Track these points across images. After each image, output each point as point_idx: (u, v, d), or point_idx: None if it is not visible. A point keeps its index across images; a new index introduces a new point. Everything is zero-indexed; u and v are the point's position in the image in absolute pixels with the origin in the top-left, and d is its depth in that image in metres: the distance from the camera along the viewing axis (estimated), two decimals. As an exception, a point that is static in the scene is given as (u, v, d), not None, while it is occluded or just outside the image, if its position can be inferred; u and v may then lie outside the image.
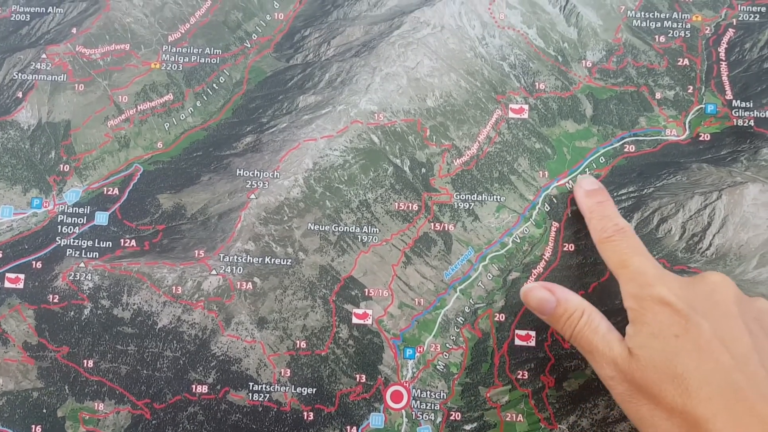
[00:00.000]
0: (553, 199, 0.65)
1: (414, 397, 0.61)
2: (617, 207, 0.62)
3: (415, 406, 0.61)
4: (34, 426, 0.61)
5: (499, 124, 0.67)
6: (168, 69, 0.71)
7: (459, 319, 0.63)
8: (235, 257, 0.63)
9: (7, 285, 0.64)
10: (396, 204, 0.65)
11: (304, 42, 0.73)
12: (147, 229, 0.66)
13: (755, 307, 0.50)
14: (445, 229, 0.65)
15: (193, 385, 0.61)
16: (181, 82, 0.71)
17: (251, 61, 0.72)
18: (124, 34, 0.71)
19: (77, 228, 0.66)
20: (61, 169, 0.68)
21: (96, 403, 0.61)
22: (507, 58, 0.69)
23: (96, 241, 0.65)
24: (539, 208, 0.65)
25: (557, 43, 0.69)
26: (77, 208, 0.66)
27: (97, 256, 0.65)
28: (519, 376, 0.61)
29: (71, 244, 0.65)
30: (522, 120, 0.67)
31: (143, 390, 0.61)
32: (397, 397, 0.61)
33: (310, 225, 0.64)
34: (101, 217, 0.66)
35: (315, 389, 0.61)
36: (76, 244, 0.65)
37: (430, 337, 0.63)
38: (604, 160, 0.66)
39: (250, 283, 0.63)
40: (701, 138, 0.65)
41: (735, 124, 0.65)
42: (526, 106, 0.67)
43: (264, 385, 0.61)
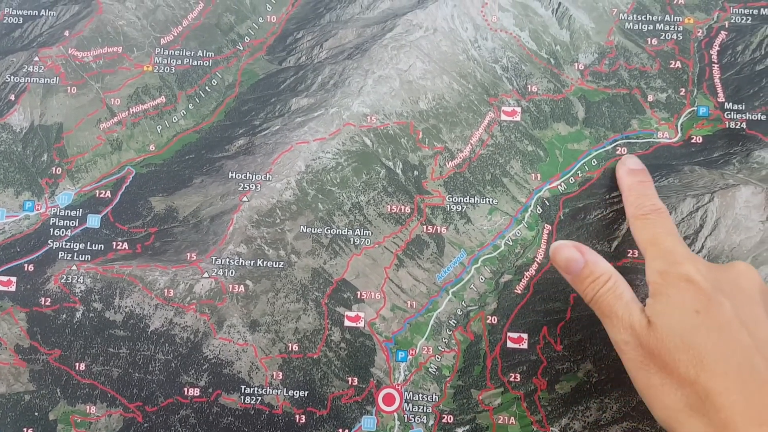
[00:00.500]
0: (546, 201, 0.65)
1: (406, 400, 0.61)
2: (609, 210, 0.62)
3: (408, 409, 0.61)
4: (26, 429, 0.61)
5: (492, 126, 0.67)
6: (160, 72, 0.71)
7: (451, 322, 0.63)
8: (227, 260, 0.63)
9: (-2, 288, 0.64)
10: (388, 206, 0.65)
11: (297, 45, 0.73)
12: (139, 232, 0.66)
13: None
14: (438, 231, 0.65)
15: (185, 388, 0.61)
16: (173, 84, 0.71)
17: (244, 64, 0.72)
18: (116, 36, 0.71)
19: (69, 231, 0.66)
20: (54, 172, 0.68)
21: (88, 406, 0.61)
22: (499, 60, 0.69)
23: (88, 243, 0.65)
24: (531, 211, 0.65)
25: (549, 45, 0.69)
26: (69, 211, 0.66)
27: (89, 259, 0.65)
28: (511, 379, 0.61)
29: (63, 246, 0.65)
30: (514, 122, 0.67)
31: (135, 393, 0.61)
32: (389, 400, 0.61)
33: (302, 228, 0.64)
34: (93, 220, 0.66)
35: (307, 392, 0.61)
36: (68, 246, 0.65)
37: (422, 339, 0.62)
38: (596, 162, 0.66)
39: (242, 285, 0.62)
40: (693, 140, 0.65)
41: (727, 127, 0.65)
42: (519, 109, 0.67)
43: (256, 388, 0.61)
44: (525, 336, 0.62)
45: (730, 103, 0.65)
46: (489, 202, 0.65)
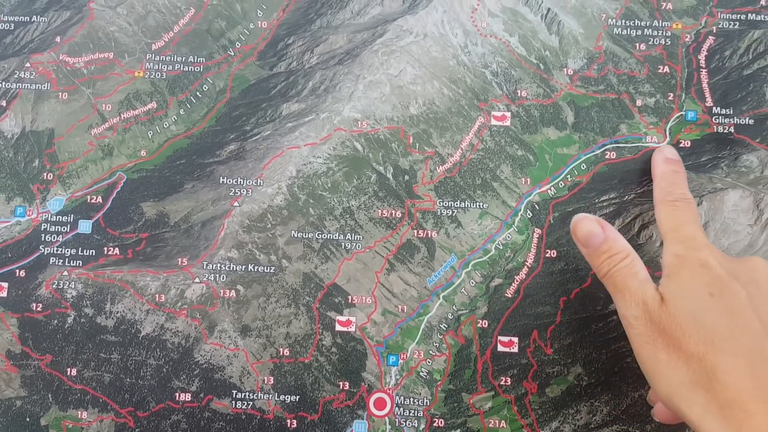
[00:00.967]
0: (536, 205, 0.65)
1: (397, 404, 0.61)
2: (598, 214, 0.63)
3: (399, 413, 0.61)
4: (16, 435, 0.61)
5: (482, 131, 0.67)
6: (151, 77, 0.71)
7: (442, 326, 0.63)
8: (219, 265, 0.63)
9: (-10, 294, 0.64)
10: (379, 211, 0.65)
11: (288, 50, 0.74)
12: (130, 237, 0.66)
13: None
14: (428, 235, 0.65)
15: (177, 393, 0.61)
16: (164, 90, 0.71)
17: (235, 69, 0.73)
18: (107, 42, 0.71)
19: (61, 236, 0.66)
20: (45, 178, 0.68)
21: (79, 412, 0.61)
22: (489, 65, 0.69)
23: (79, 249, 0.65)
24: (521, 215, 0.65)
25: (539, 51, 0.70)
26: (61, 217, 0.66)
27: (81, 265, 0.65)
28: (502, 383, 0.61)
29: (55, 252, 0.65)
30: (504, 127, 0.67)
31: (127, 398, 0.61)
32: (380, 404, 0.61)
33: (293, 232, 0.64)
34: (84, 226, 0.66)
35: (298, 397, 0.61)
36: (59, 252, 0.65)
37: (413, 343, 0.63)
38: (585, 166, 0.66)
39: (233, 290, 0.63)
40: (682, 145, 0.65)
41: (715, 131, 0.65)
42: (509, 114, 0.68)
43: (247, 393, 0.61)
44: (515, 340, 0.62)
45: (718, 108, 0.66)
46: (479, 206, 0.65)
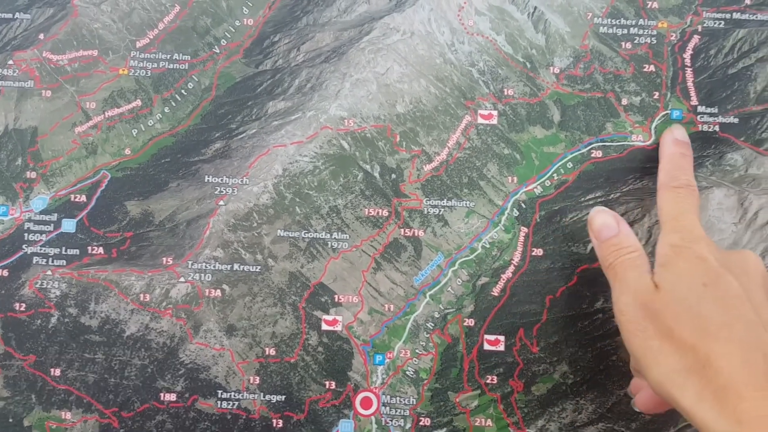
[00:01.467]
0: (522, 204, 0.65)
1: (384, 403, 0.61)
2: (585, 213, 0.63)
3: (385, 412, 0.61)
4: (-1, 436, 0.61)
5: (469, 129, 0.67)
6: (136, 75, 0.70)
7: (429, 325, 0.63)
8: (204, 264, 0.63)
9: (-28, 293, 0.64)
10: (366, 210, 0.65)
11: (274, 48, 0.73)
12: (115, 237, 0.65)
13: None
14: (415, 234, 0.65)
15: (162, 394, 0.61)
16: (149, 88, 0.70)
17: (220, 67, 0.72)
18: (91, 40, 0.70)
19: (44, 235, 0.65)
20: (28, 176, 0.67)
21: (63, 412, 0.61)
22: (476, 64, 0.69)
23: (63, 248, 0.65)
24: (508, 214, 0.65)
25: (525, 49, 0.70)
26: (44, 216, 0.66)
27: (65, 264, 0.64)
28: (488, 381, 0.61)
29: (38, 251, 0.65)
30: (491, 126, 0.67)
31: (111, 398, 0.61)
32: (366, 403, 0.61)
33: (279, 231, 0.64)
34: (68, 225, 0.65)
35: (284, 396, 0.61)
36: (43, 251, 0.65)
37: (399, 342, 0.63)
38: (571, 165, 0.66)
39: (218, 290, 0.62)
40: (667, 143, 0.66)
41: (700, 130, 0.65)
42: (495, 112, 0.68)
43: (233, 393, 0.61)
44: (502, 338, 0.62)
45: (703, 107, 0.66)
46: (466, 205, 0.65)
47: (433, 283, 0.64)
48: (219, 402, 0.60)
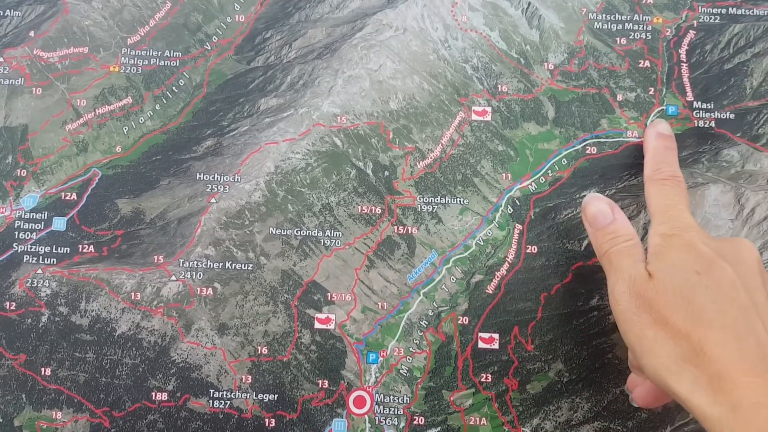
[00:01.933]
0: (516, 201, 0.65)
1: (377, 402, 0.61)
2: (578, 211, 0.62)
3: (379, 411, 0.61)
4: (-11, 436, 0.60)
5: (462, 126, 0.67)
6: (127, 72, 0.70)
7: (422, 323, 0.63)
8: (195, 262, 0.62)
9: (-39, 292, 0.63)
10: (359, 207, 0.64)
11: (266, 44, 0.73)
12: (105, 235, 0.65)
13: None
14: (409, 232, 0.64)
15: (153, 393, 0.60)
16: (140, 85, 0.70)
17: (211, 64, 0.72)
18: (82, 37, 0.70)
19: (35, 234, 0.65)
20: (19, 174, 0.67)
21: (54, 412, 0.60)
22: (470, 60, 0.69)
23: (54, 247, 0.64)
24: (502, 211, 0.65)
25: (519, 45, 0.69)
26: (35, 214, 0.65)
27: (55, 262, 0.64)
28: (482, 380, 0.61)
29: (28, 250, 0.64)
30: (485, 122, 0.67)
31: (102, 398, 0.60)
32: (360, 402, 0.61)
33: (271, 229, 0.63)
34: (59, 223, 0.65)
35: (277, 395, 0.60)
36: (33, 250, 0.64)
37: (393, 341, 0.62)
38: (566, 161, 0.66)
39: (210, 288, 0.62)
40: (662, 139, 0.65)
41: (696, 126, 0.65)
42: (489, 109, 0.67)
43: (225, 392, 0.60)
44: (496, 336, 0.61)
45: (699, 102, 0.66)
46: (460, 202, 0.65)
47: (427, 280, 0.64)
48: (211, 401, 0.60)
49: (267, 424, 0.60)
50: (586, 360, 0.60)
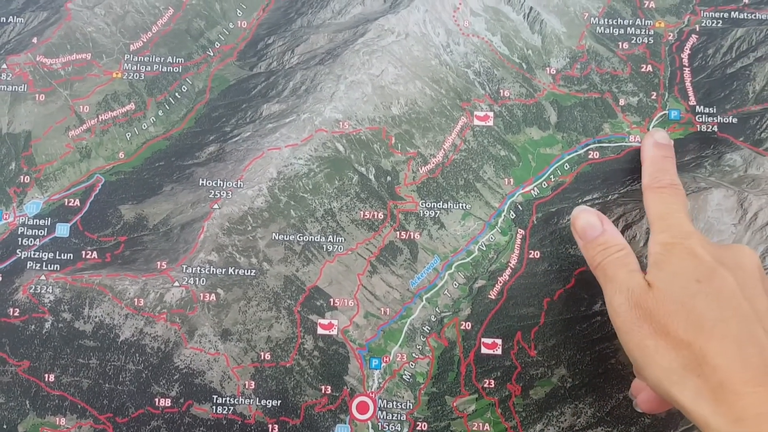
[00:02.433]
0: (519, 206, 0.65)
1: (380, 408, 0.61)
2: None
3: (381, 417, 0.61)
4: (-7, 442, 0.60)
5: (465, 131, 0.67)
6: (130, 78, 0.70)
7: (425, 328, 0.63)
8: (198, 268, 0.62)
9: (-35, 299, 0.63)
10: (361, 213, 0.64)
11: (268, 50, 0.73)
12: (108, 241, 0.65)
13: None
14: (411, 237, 0.64)
15: (156, 399, 0.60)
16: (143, 91, 0.70)
17: (214, 70, 0.72)
18: (85, 43, 0.70)
19: (38, 240, 0.65)
20: (22, 181, 0.67)
21: (57, 418, 0.60)
22: (472, 65, 0.69)
23: (57, 253, 0.64)
24: (505, 216, 0.65)
25: (521, 50, 0.69)
26: (38, 220, 0.65)
27: (58, 269, 0.64)
28: (485, 385, 0.61)
29: (32, 256, 0.64)
30: (487, 127, 0.67)
31: (105, 404, 0.61)
32: (363, 408, 0.61)
33: (274, 235, 0.63)
34: (62, 229, 0.65)
35: (280, 401, 0.60)
36: (36, 256, 0.64)
37: (396, 346, 0.62)
38: (568, 166, 0.66)
39: (213, 294, 0.62)
40: (665, 144, 0.65)
41: (698, 130, 0.65)
42: (491, 114, 0.67)
43: (228, 398, 0.60)
44: (499, 342, 0.61)
45: (702, 107, 0.66)
46: (462, 207, 0.65)
47: (430, 286, 0.64)
48: (214, 407, 0.60)
49: (270, 430, 0.60)
50: (589, 365, 0.60)
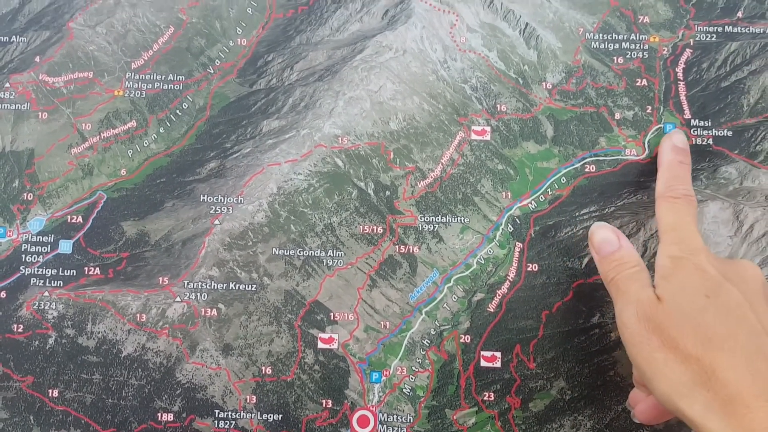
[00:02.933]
0: (517, 219, 0.66)
1: (380, 422, 0.61)
2: (579, 227, 0.63)
3: (382, 431, 0.61)
4: (-3, 458, 0.61)
5: (462, 146, 0.67)
6: (131, 96, 0.71)
7: (425, 342, 0.63)
8: (200, 284, 0.63)
9: (-30, 316, 0.64)
10: (361, 227, 0.65)
11: (267, 67, 0.74)
12: (111, 257, 0.66)
13: None
14: (410, 251, 0.65)
15: (159, 414, 0.61)
16: (144, 108, 0.71)
17: (214, 87, 0.73)
18: (87, 62, 0.71)
19: (41, 257, 0.65)
20: (25, 198, 0.67)
21: (61, 434, 0.61)
22: (469, 80, 0.69)
23: (60, 269, 0.65)
24: (503, 229, 0.65)
25: (518, 65, 0.70)
26: (41, 237, 0.66)
27: (62, 285, 0.64)
28: (485, 398, 0.61)
29: (35, 273, 0.65)
30: (484, 142, 0.68)
31: (109, 419, 0.61)
32: (363, 421, 0.61)
33: (274, 250, 0.64)
34: (65, 246, 0.66)
35: (281, 415, 0.61)
36: (40, 272, 0.65)
37: (396, 360, 0.63)
38: (565, 180, 0.66)
39: (214, 309, 0.62)
40: (661, 157, 0.66)
41: (694, 143, 0.65)
42: (488, 128, 0.68)
43: (230, 413, 0.61)
44: (498, 354, 0.62)
45: (697, 120, 0.66)
46: (460, 221, 0.66)
47: (429, 299, 0.64)
48: (216, 421, 0.60)
49: (271, 444, 0.60)
50: (588, 377, 0.60)
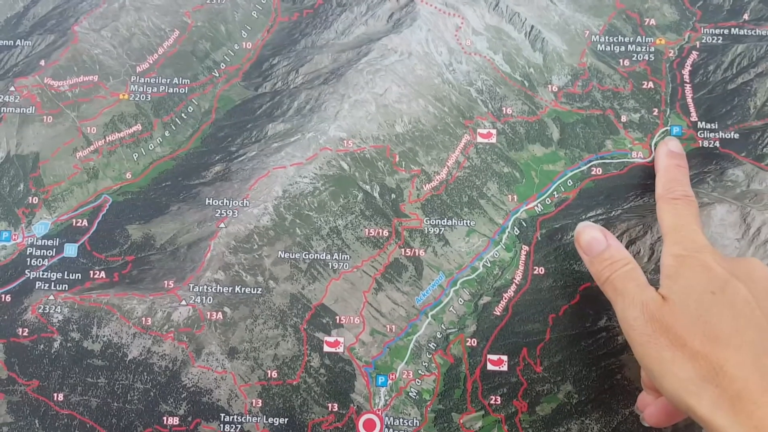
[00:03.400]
0: (523, 222, 0.65)
1: (387, 425, 0.61)
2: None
3: (388, 435, 0.61)
4: (2, 463, 0.61)
5: (468, 148, 0.67)
6: (136, 99, 0.71)
7: (431, 345, 0.63)
8: (205, 287, 0.63)
9: (-25, 319, 0.64)
10: (366, 230, 0.65)
11: (273, 70, 0.74)
12: (116, 261, 0.65)
13: None
14: (416, 254, 0.65)
15: (165, 417, 0.61)
16: (149, 112, 0.71)
17: (220, 90, 0.73)
18: (92, 65, 0.71)
19: (46, 260, 0.65)
20: (30, 202, 0.67)
21: (66, 438, 0.61)
22: (474, 83, 0.69)
23: (65, 273, 0.65)
24: (509, 232, 0.65)
25: (523, 68, 0.70)
26: (46, 241, 0.66)
27: (67, 289, 0.64)
28: (492, 402, 0.61)
29: (40, 276, 0.65)
30: (490, 144, 0.67)
31: (114, 423, 0.61)
32: (369, 425, 0.61)
33: (280, 253, 0.64)
34: (70, 249, 0.66)
35: (287, 419, 0.61)
36: (45, 276, 0.65)
37: (402, 363, 0.62)
38: (571, 183, 0.66)
39: (220, 313, 0.62)
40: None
41: (700, 146, 0.65)
42: (494, 131, 0.68)
43: (235, 416, 0.60)
44: (505, 358, 0.62)
45: (703, 122, 0.66)
46: (466, 224, 0.65)
47: (435, 303, 0.64)
48: (222, 425, 0.60)
49: (277, 448, 0.60)
50: (596, 381, 0.60)
